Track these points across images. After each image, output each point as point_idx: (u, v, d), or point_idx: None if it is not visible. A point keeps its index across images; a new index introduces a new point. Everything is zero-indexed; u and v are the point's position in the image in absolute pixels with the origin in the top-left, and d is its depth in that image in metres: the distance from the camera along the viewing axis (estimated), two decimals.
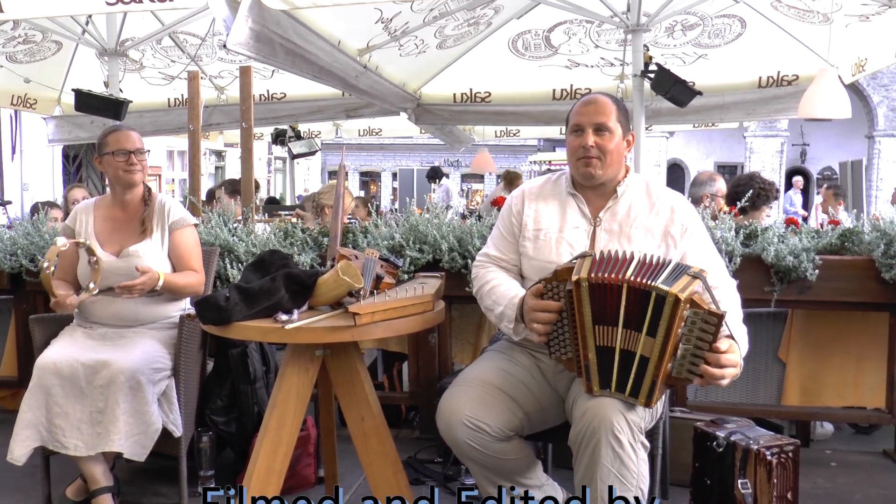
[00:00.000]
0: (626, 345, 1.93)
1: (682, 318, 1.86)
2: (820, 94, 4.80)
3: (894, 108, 21.53)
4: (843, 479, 3.17)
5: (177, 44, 5.69)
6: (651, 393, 1.92)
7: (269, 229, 3.75)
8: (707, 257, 2.22)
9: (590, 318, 1.96)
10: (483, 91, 5.84)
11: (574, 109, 2.30)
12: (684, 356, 1.90)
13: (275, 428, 2.27)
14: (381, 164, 30.50)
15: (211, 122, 6.39)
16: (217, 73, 6.24)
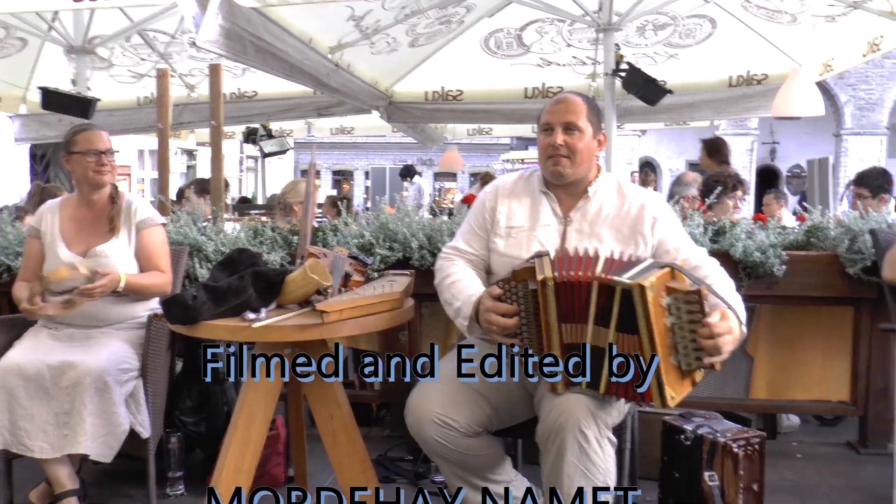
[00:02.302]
0: (596, 341, 1.92)
1: (665, 308, 1.85)
2: (794, 93, 4.88)
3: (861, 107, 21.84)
4: (808, 471, 3.22)
5: (146, 41, 5.62)
6: (662, 392, 1.85)
7: (239, 228, 3.73)
8: (682, 241, 2.25)
9: (555, 317, 1.95)
10: (455, 89, 5.84)
11: (545, 108, 2.31)
12: (685, 346, 1.86)
13: (243, 427, 2.26)
14: (353, 162, 30.40)
15: (181, 120, 6.31)
16: (188, 71, 6.18)
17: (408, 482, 3.05)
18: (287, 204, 4.50)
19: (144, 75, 5.91)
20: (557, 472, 1.94)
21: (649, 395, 1.87)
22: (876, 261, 3.12)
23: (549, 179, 2.31)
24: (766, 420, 3.66)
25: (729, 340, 1.87)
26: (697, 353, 1.86)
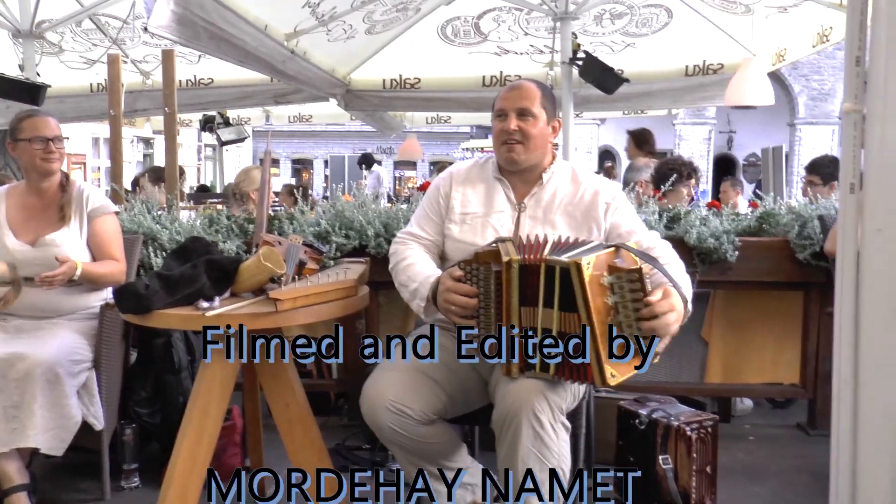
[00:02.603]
0: (546, 323, 1.92)
1: (607, 287, 1.86)
2: (746, 83, 4.95)
3: (814, 98, 22.27)
4: (760, 452, 3.29)
5: (98, 26, 5.49)
6: (602, 371, 1.85)
7: (195, 217, 3.68)
8: (635, 225, 2.26)
9: (517, 300, 1.96)
10: (413, 77, 5.81)
11: (499, 95, 2.31)
12: (629, 325, 1.86)
13: (198, 418, 2.23)
14: (312, 151, 30.15)
15: (136, 107, 6.19)
16: (142, 58, 6.05)
17: (365, 471, 3.04)
18: (241, 192, 4.45)
19: (97, 61, 5.77)
20: (512, 458, 1.94)
21: (590, 374, 1.87)
22: (824, 245, 3.19)
23: (503, 165, 2.31)
24: (721, 403, 3.73)
25: (672, 319, 1.87)
26: (640, 332, 1.87)
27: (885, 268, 1.22)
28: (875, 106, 1.19)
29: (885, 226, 1.20)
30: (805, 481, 2.99)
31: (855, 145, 1.24)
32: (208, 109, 6.98)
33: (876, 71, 1.19)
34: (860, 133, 1.23)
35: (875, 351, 1.25)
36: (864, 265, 1.24)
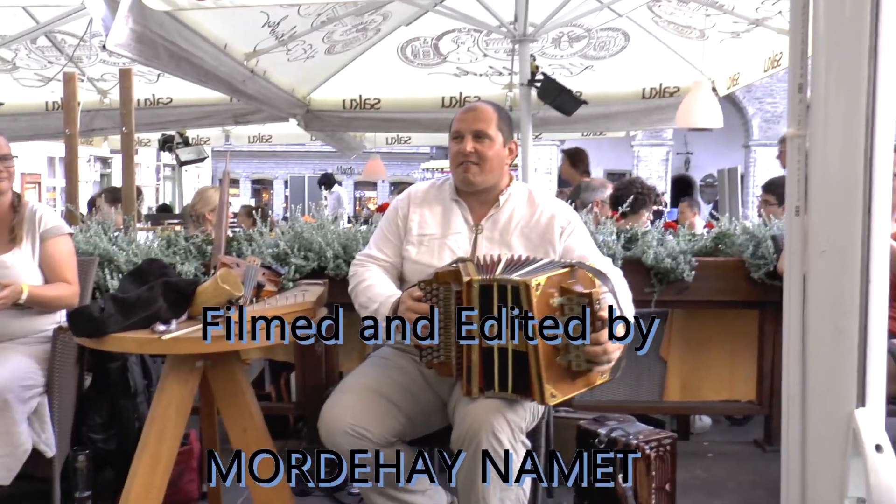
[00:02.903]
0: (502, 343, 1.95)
1: (554, 307, 1.89)
2: (695, 106, 5.06)
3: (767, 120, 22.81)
4: (718, 469, 3.33)
5: (53, 44, 5.41)
6: (542, 389, 1.88)
7: (152, 238, 3.64)
8: (588, 250, 2.29)
9: (477, 318, 1.97)
10: (373, 98, 5.84)
11: (456, 116, 2.34)
12: (576, 346, 1.89)
13: (154, 443, 2.20)
14: (273, 171, 30.00)
15: (93, 126, 6.10)
16: (99, 76, 5.98)
17: (324, 495, 3.02)
18: (198, 213, 4.42)
19: (52, 79, 5.69)
20: (472, 479, 1.95)
21: (533, 392, 1.91)
22: (777, 265, 3.26)
23: (459, 186, 2.33)
24: (680, 421, 3.77)
25: (614, 347, 1.92)
26: (588, 355, 1.90)
27: (829, 288, 1.26)
28: (817, 131, 1.24)
29: (829, 247, 1.24)
30: (761, 496, 3.04)
31: (799, 169, 1.28)
32: (167, 129, 6.91)
33: (817, 97, 1.23)
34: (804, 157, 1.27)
35: (822, 369, 1.29)
36: (810, 285, 1.28)
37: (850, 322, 1.24)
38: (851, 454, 1.24)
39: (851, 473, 1.25)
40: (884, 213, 1.23)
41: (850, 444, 1.24)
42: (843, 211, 1.24)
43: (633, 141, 22.28)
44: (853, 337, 1.24)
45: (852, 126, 1.22)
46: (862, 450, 1.21)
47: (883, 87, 1.18)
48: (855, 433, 1.23)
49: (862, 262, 1.23)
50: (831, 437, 1.27)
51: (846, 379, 1.25)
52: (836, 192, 1.25)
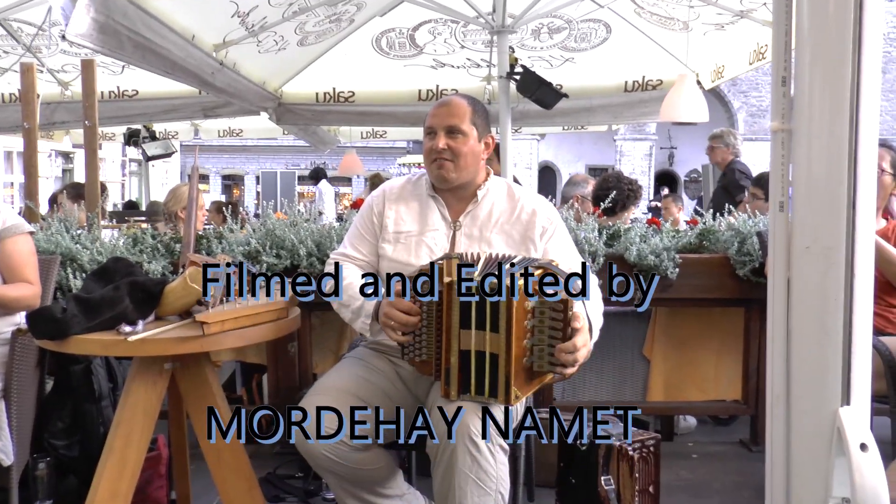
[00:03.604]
0: (479, 346, 1.96)
1: (528, 310, 1.91)
2: (680, 99, 5.09)
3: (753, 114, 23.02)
4: (702, 470, 3.37)
5: (9, 32, 5.34)
6: (508, 390, 1.94)
7: (117, 236, 3.61)
8: (566, 255, 2.30)
9: (457, 321, 1.98)
10: (347, 90, 5.82)
11: (429, 111, 2.33)
12: (541, 349, 1.94)
13: (120, 448, 2.18)
14: (244, 166, 29.81)
15: (54, 120, 6.05)
16: (60, 67, 5.91)
17: (298, 500, 3.02)
18: (170, 212, 4.39)
19: (9, 69, 5.62)
20: (449, 483, 1.95)
21: (499, 394, 1.95)
22: (763, 262, 3.30)
23: (434, 183, 2.34)
24: (664, 422, 3.80)
25: (583, 355, 1.95)
26: (551, 357, 1.94)
27: (814, 285, 1.27)
28: (801, 124, 1.25)
29: (814, 243, 1.26)
30: (748, 497, 3.08)
31: (783, 164, 1.29)
32: (133, 122, 6.86)
33: (801, 90, 1.25)
34: (788, 151, 1.28)
35: (806, 367, 1.30)
36: (795, 282, 1.30)
37: (834, 319, 1.26)
38: (836, 453, 1.26)
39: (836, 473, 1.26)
40: (868, 208, 1.25)
41: (835, 444, 1.26)
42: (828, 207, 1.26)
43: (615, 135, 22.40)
44: (838, 334, 1.26)
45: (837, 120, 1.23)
46: (847, 449, 1.22)
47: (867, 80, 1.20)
48: (840, 432, 1.25)
49: (846, 258, 1.25)
50: (816, 436, 1.29)
51: (831, 377, 1.27)
52: (820, 188, 1.26)
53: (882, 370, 2.61)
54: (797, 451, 1.33)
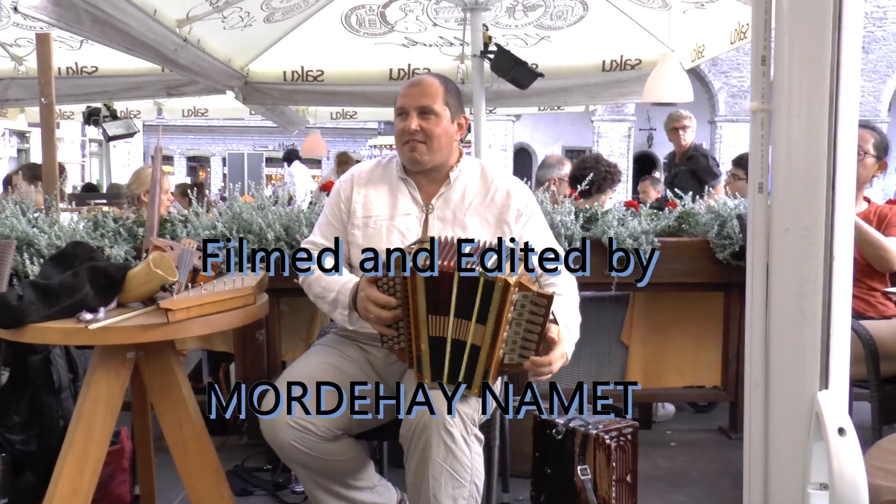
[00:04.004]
0: (457, 334, 1.97)
1: (512, 302, 1.92)
2: (663, 79, 5.12)
3: (734, 95, 23.20)
4: (681, 458, 3.41)
5: None
6: (483, 380, 1.97)
7: (77, 219, 3.56)
8: (542, 239, 2.31)
9: (424, 308, 1.99)
10: (315, 69, 5.77)
11: (400, 91, 2.32)
12: (515, 341, 1.96)
13: (81, 442, 2.16)
14: (210, 147, 29.59)
15: (7, 97, 5.95)
16: (13, 41, 5.79)
17: (266, 494, 3.02)
18: (133, 195, 4.36)
19: None
20: (422, 474, 1.96)
21: (476, 385, 2.00)
22: (743, 245, 3.33)
23: (406, 166, 2.33)
24: (641, 409, 3.84)
25: (559, 365, 2.01)
26: (523, 350, 1.97)
27: (793, 267, 1.29)
28: (780, 104, 1.27)
29: (793, 225, 1.27)
30: (727, 486, 3.11)
31: (763, 144, 1.31)
32: (93, 101, 6.77)
33: (781, 69, 1.26)
34: (767, 132, 1.30)
35: (785, 351, 1.32)
36: (774, 265, 1.31)
37: (813, 302, 1.28)
38: (814, 438, 1.28)
39: (814, 458, 1.29)
40: (848, 190, 1.27)
41: (813, 428, 1.28)
42: (807, 188, 1.28)
43: (593, 116, 22.48)
44: (816, 317, 1.28)
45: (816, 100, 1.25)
46: (825, 433, 1.25)
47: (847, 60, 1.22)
48: (818, 416, 1.27)
49: (826, 240, 1.27)
50: (794, 421, 1.31)
51: (809, 360, 1.29)
52: (799, 169, 1.28)
53: (862, 354, 2.66)
54: (775, 436, 1.35)
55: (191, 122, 10.27)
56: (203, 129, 27.79)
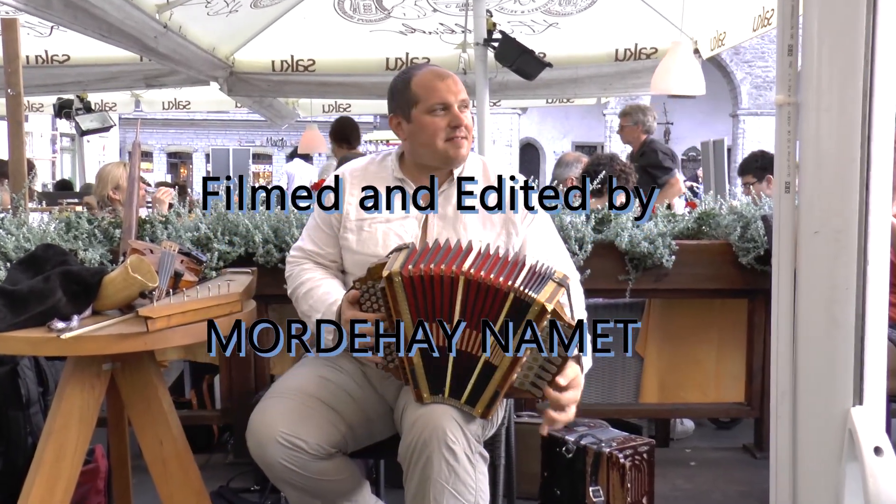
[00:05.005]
0: (463, 346, 1.97)
1: (543, 328, 1.92)
2: (673, 69, 5.10)
3: (758, 86, 23.22)
4: (702, 479, 3.40)
5: None
6: (492, 404, 1.96)
7: (48, 220, 3.57)
8: (550, 246, 2.31)
9: (409, 316, 1.99)
10: (306, 58, 5.78)
11: (427, 83, 2.27)
12: (531, 367, 1.95)
13: (51, 461, 2.16)
14: (192, 143, 29.61)
15: None
16: None
17: None
18: (102, 196, 4.36)
19: None
20: (422, 496, 1.95)
21: (481, 407, 1.98)
22: (769, 249, 3.32)
23: (444, 165, 2.31)
24: (658, 426, 3.83)
25: (573, 411, 2.00)
26: (537, 379, 1.97)
27: (823, 272, 1.29)
28: (809, 97, 1.27)
29: (823, 227, 1.27)
30: None
31: (790, 140, 1.31)
32: (65, 92, 6.79)
33: (809, 59, 1.26)
34: (794, 127, 1.30)
35: (814, 363, 1.32)
36: (802, 270, 1.31)
37: (845, 310, 1.28)
38: (847, 458, 1.28)
39: (848, 479, 1.28)
40: (883, 189, 1.27)
41: (847, 447, 1.28)
42: (839, 187, 1.27)
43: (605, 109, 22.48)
44: (849, 327, 1.28)
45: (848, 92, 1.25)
46: (859, 453, 1.24)
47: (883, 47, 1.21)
48: (851, 434, 1.27)
49: (859, 243, 1.27)
50: (825, 439, 1.31)
51: (842, 374, 1.29)
52: (830, 167, 1.28)
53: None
54: (804, 455, 1.34)
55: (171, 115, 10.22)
56: (184, 123, 27.80)
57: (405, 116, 2.31)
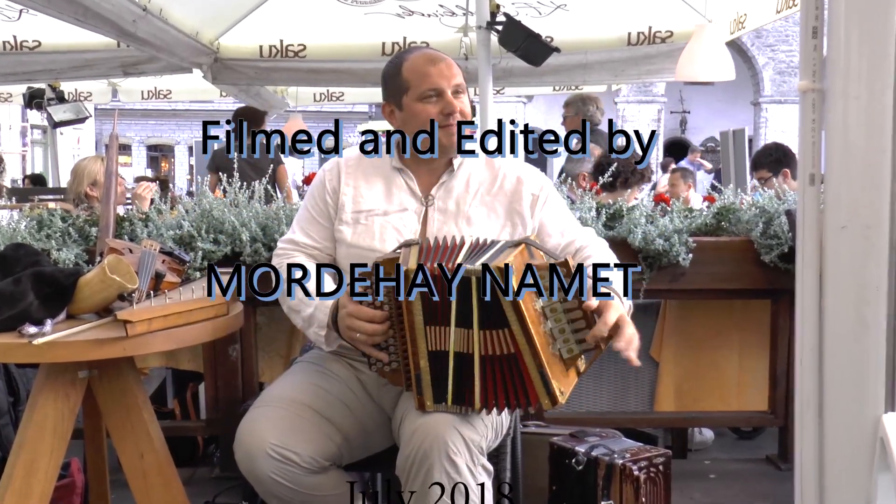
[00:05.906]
0: (460, 347, 1.97)
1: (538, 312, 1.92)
2: (700, 54, 5.09)
3: (781, 72, 23.21)
4: (722, 492, 3.40)
5: None
6: (548, 387, 1.93)
7: (18, 218, 3.57)
8: (566, 222, 2.36)
9: (420, 318, 1.99)
10: (296, 44, 5.77)
11: (418, 68, 2.28)
12: (562, 330, 1.95)
13: (22, 475, 2.17)
14: (174, 135, 29.63)
15: None
16: None
17: None
18: (77, 193, 4.37)
19: None
20: None
21: (535, 396, 1.94)
22: (793, 245, 3.32)
23: (440, 155, 2.31)
24: (675, 436, 3.84)
25: (613, 318, 1.96)
26: (577, 334, 1.96)
27: (851, 271, 1.29)
28: (835, 83, 1.27)
29: (851, 222, 1.27)
30: None
31: (814, 130, 1.31)
32: (35, 81, 6.79)
33: (835, 42, 1.26)
34: (819, 115, 1.30)
35: (842, 368, 1.32)
36: (828, 268, 1.31)
37: (876, 311, 1.28)
38: (878, 469, 1.28)
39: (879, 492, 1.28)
40: None
41: (878, 457, 1.28)
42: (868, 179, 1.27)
43: (616, 97, 22.51)
44: (880, 329, 1.28)
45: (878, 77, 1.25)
46: (891, 463, 1.24)
47: None
48: (883, 443, 1.27)
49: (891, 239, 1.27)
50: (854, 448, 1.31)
51: (872, 379, 1.29)
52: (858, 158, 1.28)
53: None
54: (832, 466, 1.35)
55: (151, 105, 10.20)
56: (166, 114, 27.82)
57: (397, 104, 2.32)
